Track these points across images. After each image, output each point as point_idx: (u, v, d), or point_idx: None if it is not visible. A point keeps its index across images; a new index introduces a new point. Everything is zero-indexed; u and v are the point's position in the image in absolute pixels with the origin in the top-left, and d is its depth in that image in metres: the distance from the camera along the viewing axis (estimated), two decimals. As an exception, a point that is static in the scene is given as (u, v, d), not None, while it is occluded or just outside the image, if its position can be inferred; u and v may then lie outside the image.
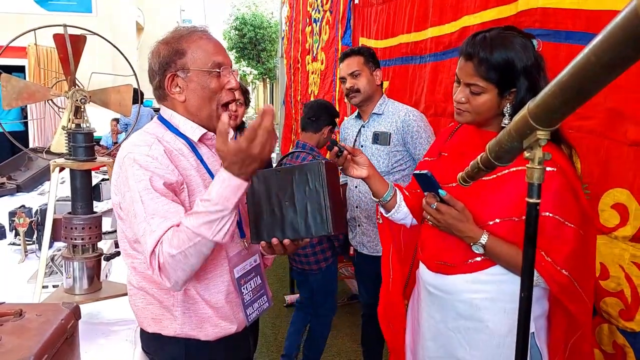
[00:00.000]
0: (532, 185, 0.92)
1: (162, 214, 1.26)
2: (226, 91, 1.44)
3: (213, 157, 1.47)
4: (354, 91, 2.63)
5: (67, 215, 1.73)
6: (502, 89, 1.45)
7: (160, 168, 1.31)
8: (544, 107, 0.83)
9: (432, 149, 1.78)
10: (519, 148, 0.94)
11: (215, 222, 1.21)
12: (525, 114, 0.87)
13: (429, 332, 1.67)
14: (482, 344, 1.54)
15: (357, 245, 2.79)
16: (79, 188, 1.76)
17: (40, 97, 1.99)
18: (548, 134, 0.87)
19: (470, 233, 1.46)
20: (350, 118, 2.94)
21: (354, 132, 2.76)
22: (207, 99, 1.42)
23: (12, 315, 1.24)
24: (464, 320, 1.56)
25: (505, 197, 1.46)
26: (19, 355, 1.07)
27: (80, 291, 1.71)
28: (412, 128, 2.57)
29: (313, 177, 1.37)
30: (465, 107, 1.50)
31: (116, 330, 1.71)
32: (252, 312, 1.50)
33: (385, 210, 1.73)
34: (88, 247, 1.73)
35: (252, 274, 1.51)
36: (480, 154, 1.11)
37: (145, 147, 1.34)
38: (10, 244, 2.56)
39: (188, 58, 1.39)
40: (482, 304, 1.53)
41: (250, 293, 1.50)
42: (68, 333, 1.26)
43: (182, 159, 1.39)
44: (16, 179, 3.77)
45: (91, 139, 1.79)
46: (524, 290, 1.00)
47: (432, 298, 1.64)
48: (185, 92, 1.41)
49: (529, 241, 0.97)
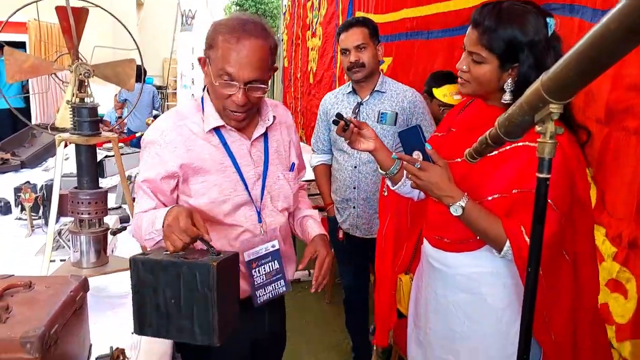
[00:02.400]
0: (542, 159, 0.91)
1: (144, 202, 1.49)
2: (230, 101, 1.41)
3: (240, 140, 1.52)
4: (359, 65, 2.48)
5: (74, 190, 1.74)
6: (503, 61, 1.41)
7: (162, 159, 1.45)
8: (558, 79, 0.82)
9: (443, 124, 1.77)
10: (530, 122, 0.93)
11: (149, 235, 1.39)
12: (539, 86, 0.86)
13: (431, 305, 1.69)
14: (481, 317, 1.56)
15: (349, 228, 2.71)
16: (84, 163, 1.76)
17: (43, 70, 1.98)
18: (561, 107, 0.86)
19: (452, 193, 1.42)
20: (338, 93, 2.74)
21: (347, 109, 2.62)
22: (215, 97, 1.45)
23: (21, 287, 1.25)
24: (463, 294, 1.58)
25: (507, 173, 1.44)
26: (29, 326, 1.07)
27: (87, 265, 1.72)
28: (419, 110, 2.53)
29: (202, 279, 1.22)
30: (466, 77, 1.48)
31: (123, 303, 1.73)
32: (264, 294, 1.52)
33: (392, 183, 1.73)
34: (94, 221, 1.74)
35: (268, 259, 1.53)
36: (488, 130, 1.10)
37: (158, 134, 1.47)
38: (16, 219, 2.58)
39: (212, 52, 1.40)
40: (482, 279, 1.54)
41: (262, 276, 1.52)
42: (77, 305, 1.27)
43: (199, 141, 1.46)
44: (20, 155, 3.77)
45: (95, 113, 1.79)
46: (531, 266, 1.00)
47: (434, 271, 1.66)
48: (208, 77, 1.45)
49: (537, 218, 0.97)
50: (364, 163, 2.55)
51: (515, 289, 1.51)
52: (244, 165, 1.51)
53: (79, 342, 1.31)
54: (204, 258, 1.24)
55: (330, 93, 2.82)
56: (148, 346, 1.48)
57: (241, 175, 1.50)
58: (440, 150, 1.61)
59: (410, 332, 1.88)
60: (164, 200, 1.49)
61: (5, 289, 1.22)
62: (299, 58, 5.99)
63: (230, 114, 1.44)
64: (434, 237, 1.64)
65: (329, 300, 4.05)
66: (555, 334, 1.50)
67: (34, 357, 1.05)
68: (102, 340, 1.40)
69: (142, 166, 1.51)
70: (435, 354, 1.69)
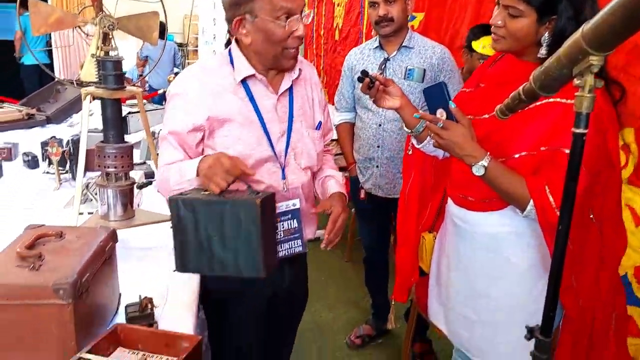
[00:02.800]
0: (579, 114, 0.88)
1: (169, 155, 1.48)
2: (293, 38, 1.43)
3: (267, 94, 1.52)
4: (387, 20, 2.39)
5: (100, 144, 1.75)
6: (542, 14, 1.36)
7: (186, 110, 1.46)
8: (601, 29, 0.78)
9: (471, 80, 1.73)
10: (568, 75, 0.90)
11: (178, 185, 1.41)
12: (579, 37, 0.83)
13: (453, 264, 1.70)
14: (504, 276, 1.56)
15: (372, 187, 2.68)
16: (110, 117, 1.76)
17: (68, 23, 1.97)
18: (602, 59, 0.83)
19: (474, 152, 1.39)
20: (364, 48, 2.66)
21: (372, 63, 2.55)
22: (271, 45, 1.44)
23: (53, 237, 1.28)
24: (486, 252, 1.57)
25: (536, 130, 1.40)
26: (62, 273, 1.10)
27: (114, 217, 1.75)
28: (448, 66, 2.48)
29: (246, 216, 1.26)
30: (501, 32, 1.43)
31: (150, 255, 1.76)
32: (281, 250, 1.53)
33: (417, 141, 1.71)
34: (121, 175, 1.75)
35: (289, 216, 1.53)
36: (521, 85, 1.07)
37: (182, 86, 1.49)
38: (44, 173, 2.62)
39: (257, 4, 1.37)
40: (506, 238, 1.53)
41: (280, 233, 1.52)
42: (107, 254, 1.30)
43: (227, 95, 1.46)
44: (45, 110, 3.80)
45: (120, 67, 1.78)
46: (562, 224, 0.99)
47: (458, 230, 1.65)
48: (251, 35, 1.43)
49: (571, 174, 0.95)
50: (389, 121, 2.51)
51: (539, 249, 1.50)
52: (269, 121, 1.50)
53: (109, 291, 1.35)
54: (245, 195, 1.29)
55: (355, 48, 2.75)
56: (175, 296, 1.51)
57: (266, 130, 1.50)
58: (468, 106, 1.58)
59: (431, 290, 1.89)
60: (190, 153, 1.49)
61: (37, 238, 1.25)
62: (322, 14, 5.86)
63: (289, 53, 1.46)
64: (458, 195, 1.63)
65: (349, 259, 4.09)
66: (583, 299, 1.50)
67: (67, 303, 1.08)
68: (130, 289, 1.44)
69: (168, 119, 1.50)
70: (457, 311, 1.71)
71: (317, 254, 4.14)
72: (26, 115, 3.58)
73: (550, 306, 1.03)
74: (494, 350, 1.63)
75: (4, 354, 1.10)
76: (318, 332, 3.13)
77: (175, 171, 1.44)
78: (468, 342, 1.69)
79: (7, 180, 2.54)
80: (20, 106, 3.78)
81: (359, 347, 3.00)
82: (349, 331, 3.10)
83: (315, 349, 2.98)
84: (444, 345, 2.90)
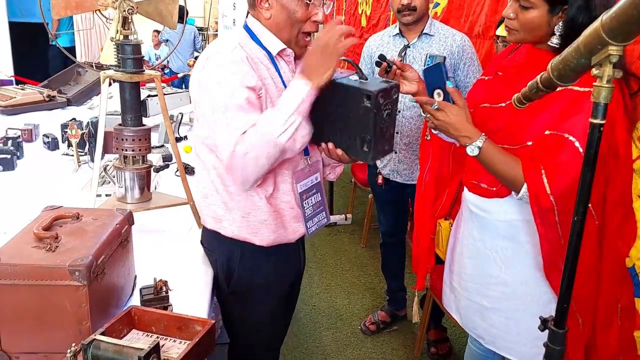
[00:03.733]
0: (597, 104, 0.87)
1: (243, 119, 1.32)
2: (311, 22, 1.43)
3: (289, 72, 1.50)
4: (410, 9, 2.38)
5: (118, 126, 1.77)
6: (552, 4, 1.36)
7: (242, 72, 1.35)
8: (620, 18, 0.76)
9: (490, 68, 1.71)
10: (587, 65, 0.89)
11: (284, 124, 1.29)
12: (598, 26, 0.81)
13: (468, 251, 1.70)
14: (518, 263, 1.56)
15: (390, 173, 2.69)
16: (129, 100, 1.78)
17: (88, 6, 1.98)
18: (621, 49, 0.81)
19: (468, 133, 1.43)
20: (383, 35, 2.66)
21: (393, 52, 2.54)
22: (290, 24, 1.43)
23: (70, 218, 1.30)
24: (502, 240, 1.58)
25: (547, 116, 1.40)
26: (78, 254, 1.12)
27: (132, 200, 1.77)
28: (467, 54, 2.45)
29: (366, 104, 1.28)
30: (513, 24, 1.43)
31: (166, 238, 1.79)
32: (312, 225, 1.58)
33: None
34: (138, 158, 1.77)
35: (314, 190, 1.56)
36: (539, 74, 1.05)
37: (227, 52, 1.38)
38: (63, 155, 2.66)
39: None
40: (523, 226, 1.53)
41: (311, 208, 1.56)
42: (123, 237, 1.32)
43: (261, 67, 1.44)
44: (66, 92, 3.85)
45: (139, 50, 1.78)
46: (577, 215, 0.97)
47: (473, 217, 1.65)
48: (272, 10, 1.42)
49: (587, 164, 0.93)
50: (408, 107, 2.50)
51: None
52: None
53: (125, 273, 1.37)
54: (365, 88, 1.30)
55: (375, 35, 2.74)
56: (190, 278, 1.53)
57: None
58: (486, 94, 1.58)
59: (445, 278, 1.89)
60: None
61: (54, 220, 1.27)
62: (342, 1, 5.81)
63: (303, 39, 1.45)
64: (471, 182, 1.63)
65: (364, 244, 4.10)
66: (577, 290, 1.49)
67: (82, 284, 1.10)
68: (146, 272, 1.46)
69: (222, 89, 1.34)
70: (470, 298, 1.71)
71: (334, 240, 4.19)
72: (47, 97, 3.63)
73: (565, 298, 1.03)
74: (506, 337, 1.63)
75: (20, 334, 1.12)
76: (333, 318, 3.16)
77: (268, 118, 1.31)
78: (481, 330, 1.69)
79: (27, 161, 2.58)
80: (42, 88, 3.83)
81: (374, 333, 3.01)
82: (364, 317, 3.12)
83: (330, 334, 3.01)
84: (459, 333, 2.91)
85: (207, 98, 1.37)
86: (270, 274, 1.59)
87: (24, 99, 3.52)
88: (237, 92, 1.33)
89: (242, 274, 1.57)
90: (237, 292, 1.60)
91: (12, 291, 1.09)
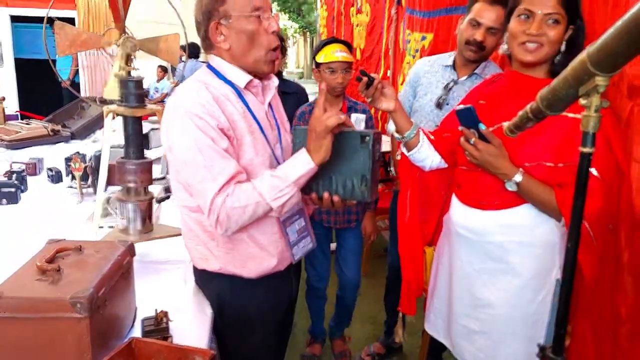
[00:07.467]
0: (586, 134, 0.90)
1: (220, 165, 1.34)
2: (269, 35, 1.44)
3: (258, 104, 1.51)
4: (479, 47, 2.12)
5: (120, 159, 1.80)
6: (571, 18, 1.44)
7: (210, 113, 1.36)
8: (605, 50, 0.79)
9: (469, 97, 1.75)
10: (574, 95, 0.92)
11: (280, 192, 1.36)
12: (584, 58, 0.84)
13: (456, 274, 1.70)
14: (506, 284, 1.58)
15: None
16: (131, 134, 1.81)
17: (92, 44, 2.04)
18: (607, 80, 0.84)
19: (506, 170, 1.47)
20: (435, 62, 2.42)
21: (438, 81, 2.33)
22: (252, 45, 1.43)
23: (72, 251, 1.31)
24: (491, 262, 1.59)
25: (547, 142, 1.45)
26: (79, 287, 1.13)
27: (133, 231, 1.79)
28: None
29: (362, 145, 1.38)
30: (542, 40, 1.44)
31: (167, 268, 1.79)
32: (297, 251, 1.58)
33: (406, 148, 1.74)
34: (140, 190, 1.80)
35: (297, 216, 1.57)
36: (529, 104, 1.08)
37: (193, 94, 1.39)
38: (67, 187, 2.69)
39: (228, 4, 1.40)
40: (513, 247, 1.55)
41: (295, 234, 1.57)
42: (124, 269, 1.33)
43: (228, 104, 1.42)
44: (70, 127, 3.90)
45: (141, 86, 1.83)
46: (571, 241, 0.99)
47: (460, 240, 1.67)
48: (229, 39, 1.43)
49: (579, 192, 0.95)
50: None
51: (543, 259, 1.54)
52: (265, 128, 1.51)
53: (126, 304, 1.38)
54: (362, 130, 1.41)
55: (426, 58, 2.54)
56: (191, 309, 1.53)
57: (266, 137, 1.51)
58: None
59: (429, 304, 1.90)
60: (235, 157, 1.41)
61: (56, 252, 1.28)
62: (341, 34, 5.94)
63: (271, 55, 1.46)
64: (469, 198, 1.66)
65: (365, 273, 4.07)
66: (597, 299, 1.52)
67: (83, 316, 1.10)
68: (146, 303, 1.46)
69: (195, 128, 1.34)
70: (459, 322, 1.70)
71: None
72: (51, 132, 3.68)
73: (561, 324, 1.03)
74: None
75: (23, 365, 1.12)
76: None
77: (258, 188, 1.37)
78: (470, 354, 1.69)
79: (31, 195, 2.61)
80: (46, 122, 3.89)
81: (370, 366, 2.97)
82: (363, 347, 3.08)
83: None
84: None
85: (181, 147, 1.37)
86: (262, 305, 1.58)
87: (28, 133, 3.57)
88: (207, 134, 1.34)
89: (233, 306, 1.57)
90: (230, 324, 1.59)
91: (13, 324, 1.10)
